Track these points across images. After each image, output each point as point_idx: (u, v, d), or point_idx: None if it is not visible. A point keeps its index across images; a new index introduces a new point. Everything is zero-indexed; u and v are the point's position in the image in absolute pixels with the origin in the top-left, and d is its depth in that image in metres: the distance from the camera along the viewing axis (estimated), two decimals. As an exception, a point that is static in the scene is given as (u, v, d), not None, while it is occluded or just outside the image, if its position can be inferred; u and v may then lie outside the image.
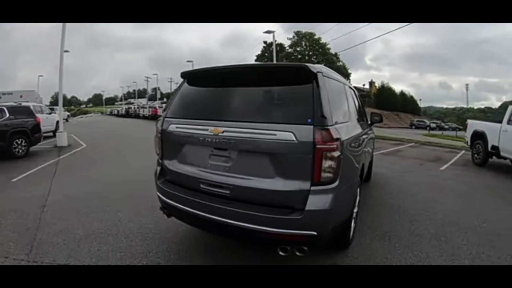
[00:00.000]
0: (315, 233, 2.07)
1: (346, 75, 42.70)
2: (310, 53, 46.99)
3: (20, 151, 8.21)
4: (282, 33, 54.52)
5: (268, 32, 23.63)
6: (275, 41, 26.73)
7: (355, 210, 3.12)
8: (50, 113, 13.08)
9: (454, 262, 2.93)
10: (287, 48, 48.85)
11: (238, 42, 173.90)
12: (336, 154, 2.10)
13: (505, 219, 4.21)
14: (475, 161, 8.37)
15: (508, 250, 3.16)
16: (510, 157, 7.07)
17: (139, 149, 9.95)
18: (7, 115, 8.12)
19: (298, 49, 48.56)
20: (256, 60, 44.72)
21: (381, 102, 48.16)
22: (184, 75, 2.89)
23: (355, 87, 6.11)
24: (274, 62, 24.79)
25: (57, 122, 12.74)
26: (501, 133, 7.13)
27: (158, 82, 68.74)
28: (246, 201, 2.25)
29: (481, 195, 5.55)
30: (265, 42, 47.18)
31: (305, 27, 46.07)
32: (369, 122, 4.97)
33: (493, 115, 24.75)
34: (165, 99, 65.96)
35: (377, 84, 55.67)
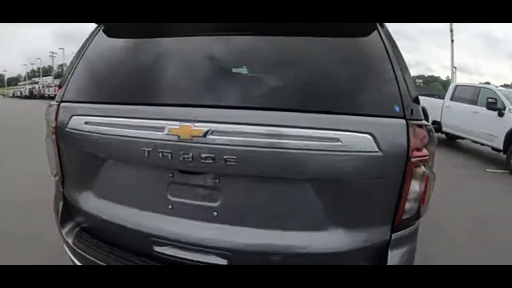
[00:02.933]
0: None
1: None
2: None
3: None
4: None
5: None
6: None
7: None
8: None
9: (444, 227, 3.00)
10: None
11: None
12: (423, 170, 1.06)
13: (460, 187, 4.53)
14: (414, 136, 8.77)
15: (474, 210, 3.58)
16: (451, 132, 7.36)
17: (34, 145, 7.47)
18: None
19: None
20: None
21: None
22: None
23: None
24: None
25: None
26: (444, 109, 7.38)
27: (65, 58, 60.46)
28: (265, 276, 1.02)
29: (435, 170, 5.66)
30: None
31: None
32: None
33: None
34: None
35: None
